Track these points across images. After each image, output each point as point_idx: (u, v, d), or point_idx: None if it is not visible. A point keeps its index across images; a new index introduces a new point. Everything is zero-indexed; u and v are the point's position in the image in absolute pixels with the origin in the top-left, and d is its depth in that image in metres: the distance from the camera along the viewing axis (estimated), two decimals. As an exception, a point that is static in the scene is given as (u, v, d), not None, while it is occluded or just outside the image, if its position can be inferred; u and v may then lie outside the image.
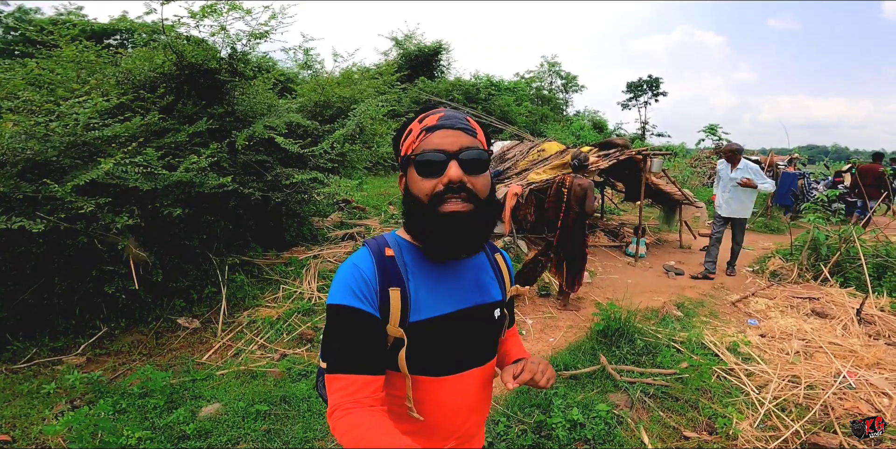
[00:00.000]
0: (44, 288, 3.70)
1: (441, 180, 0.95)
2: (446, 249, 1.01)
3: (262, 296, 4.61)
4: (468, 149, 0.97)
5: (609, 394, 3.16)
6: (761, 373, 3.50)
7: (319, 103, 5.73)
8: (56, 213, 3.26)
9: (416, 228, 1.02)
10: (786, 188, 10.83)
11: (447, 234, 0.97)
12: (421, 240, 1.03)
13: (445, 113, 1.01)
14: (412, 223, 1.03)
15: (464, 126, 0.99)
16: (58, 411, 2.91)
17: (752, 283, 6.01)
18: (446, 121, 0.98)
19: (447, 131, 0.97)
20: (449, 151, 0.95)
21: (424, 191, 0.97)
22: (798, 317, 4.65)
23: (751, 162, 6.10)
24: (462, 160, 0.96)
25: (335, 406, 0.90)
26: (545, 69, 29.14)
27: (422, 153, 0.96)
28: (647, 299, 5.19)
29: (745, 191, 6.02)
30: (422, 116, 1.03)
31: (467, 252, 1.03)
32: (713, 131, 22.59)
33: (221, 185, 3.96)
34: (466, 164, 0.96)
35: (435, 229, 0.97)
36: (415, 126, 1.02)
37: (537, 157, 7.18)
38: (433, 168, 0.96)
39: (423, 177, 0.97)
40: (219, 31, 4.41)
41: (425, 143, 0.97)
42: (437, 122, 0.98)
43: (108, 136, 3.54)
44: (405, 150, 1.02)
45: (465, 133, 0.98)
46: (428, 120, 1.00)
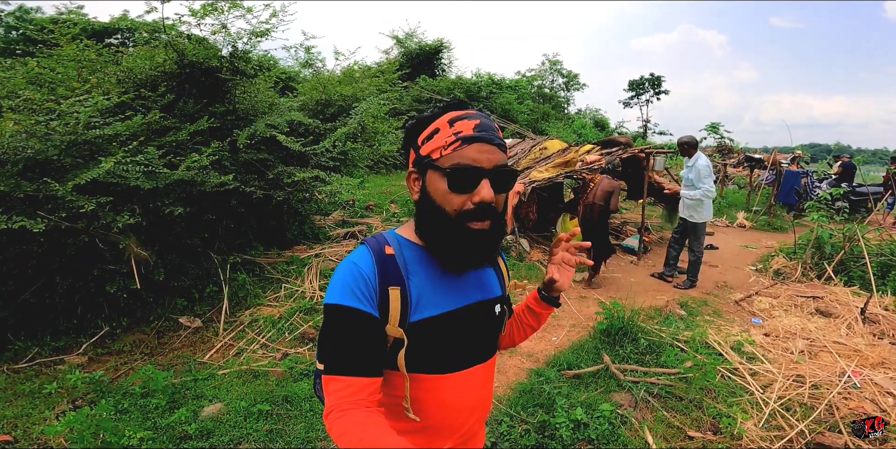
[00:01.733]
0: (45, 287, 3.69)
1: (471, 198, 0.92)
2: (466, 264, 1.00)
3: (263, 295, 4.60)
4: (501, 167, 0.94)
5: (613, 393, 3.15)
6: (766, 372, 3.48)
7: (321, 101, 5.72)
8: (57, 213, 3.25)
9: (435, 239, 0.99)
10: (789, 186, 10.80)
11: (470, 250, 0.96)
12: (439, 251, 1.00)
13: (481, 121, 0.95)
14: (431, 233, 1.00)
15: (499, 142, 0.95)
16: (59, 411, 2.91)
17: (755, 281, 5.98)
18: (484, 133, 0.93)
19: (484, 146, 0.92)
20: (484, 169, 0.92)
21: (452, 206, 0.93)
22: (802, 316, 4.63)
23: (702, 159, 5.51)
24: (494, 179, 0.93)
25: (332, 407, 0.89)
26: (547, 67, 29.05)
27: (457, 167, 0.91)
28: (651, 298, 5.17)
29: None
30: (452, 117, 0.96)
31: (482, 265, 1.04)
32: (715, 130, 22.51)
33: (223, 183, 3.95)
34: (497, 183, 0.93)
35: (458, 245, 0.95)
36: (443, 126, 0.95)
37: (539, 155, 7.15)
38: (466, 184, 0.92)
39: (454, 191, 0.92)
40: (220, 29, 4.40)
41: (460, 155, 0.92)
42: (473, 133, 0.92)
43: (108, 134, 3.53)
44: (430, 152, 0.96)
45: (500, 149, 0.95)
46: (462, 125, 0.93)
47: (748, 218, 10.25)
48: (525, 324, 1.26)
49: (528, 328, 1.27)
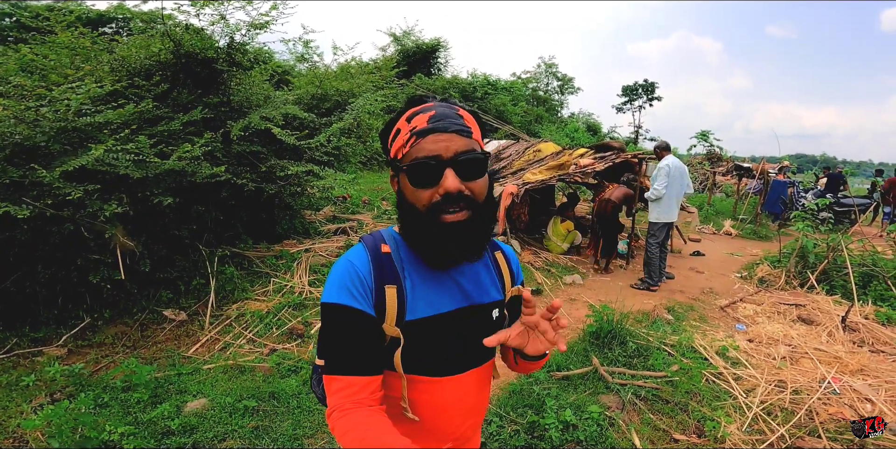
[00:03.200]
0: (26, 276, 3.60)
1: (437, 190, 0.89)
2: (447, 259, 0.97)
3: (251, 289, 4.55)
4: (464, 153, 0.89)
5: (601, 395, 3.17)
6: (749, 377, 3.53)
7: (317, 96, 5.68)
8: (43, 200, 3.17)
9: (413, 237, 0.98)
10: (775, 196, 10.99)
11: (447, 243, 0.92)
12: (419, 249, 0.98)
13: (436, 111, 0.91)
14: (409, 232, 0.98)
15: (458, 127, 0.90)
16: (37, 405, 2.83)
17: (740, 288, 6.07)
18: (438, 122, 0.89)
19: (439, 135, 0.88)
20: (443, 158, 0.88)
21: (421, 201, 0.91)
22: (785, 323, 4.71)
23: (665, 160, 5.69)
24: (458, 167, 0.88)
25: (334, 407, 0.88)
26: (542, 70, 29.20)
27: (413, 161, 0.89)
28: (639, 302, 5.21)
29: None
30: (409, 113, 0.93)
31: (467, 260, 1.00)
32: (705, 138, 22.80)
33: (214, 175, 3.90)
34: (463, 171, 0.89)
35: (434, 239, 0.93)
36: (402, 125, 0.93)
37: (533, 157, 7.18)
38: (427, 177, 0.89)
39: (417, 187, 0.90)
40: (218, 20, 4.34)
41: (416, 149, 0.89)
42: (427, 125, 0.89)
43: (99, 122, 3.47)
44: (394, 153, 0.95)
45: (460, 135, 0.90)
46: (416, 120, 0.91)
47: (734, 226, 10.40)
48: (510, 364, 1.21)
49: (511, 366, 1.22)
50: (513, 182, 6.39)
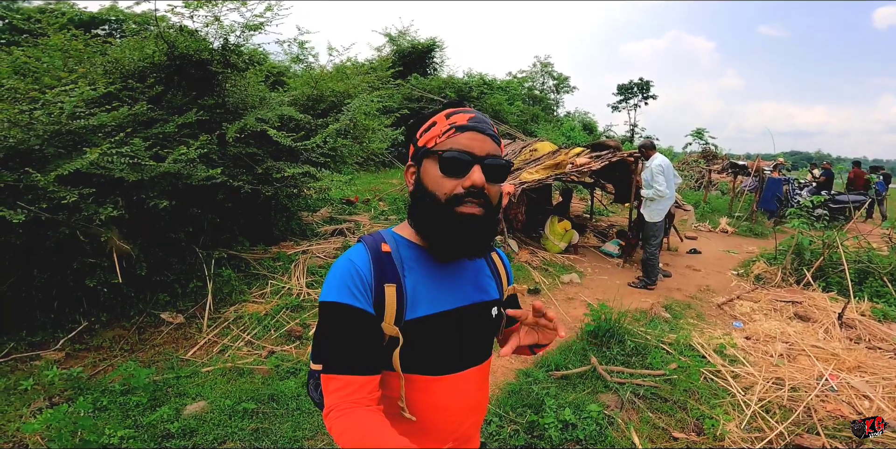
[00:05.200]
0: (22, 281, 3.58)
1: (462, 183, 0.94)
2: (456, 250, 0.99)
3: (249, 291, 4.53)
4: (493, 156, 0.96)
5: (600, 394, 3.18)
6: (747, 375, 3.55)
7: (312, 97, 5.67)
8: (38, 203, 3.15)
9: (426, 224, 1.00)
10: (770, 193, 11.04)
11: (459, 235, 0.95)
12: (430, 238, 1.00)
13: (476, 115, 0.99)
14: (423, 219, 1.00)
15: (492, 133, 0.99)
16: (35, 408, 2.82)
17: (736, 286, 6.09)
18: (477, 123, 0.97)
19: (477, 134, 0.96)
20: (476, 155, 0.94)
21: (443, 189, 0.95)
22: (781, 320, 4.73)
23: (657, 159, 5.70)
24: (486, 167, 0.95)
25: (332, 407, 0.89)
26: (538, 69, 29.26)
27: (449, 151, 0.94)
28: (636, 301, 5.23)
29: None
30: (449, 111, 1.00)
31: (474, 254, 1.03)
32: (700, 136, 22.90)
33: (210, 177, 3.88)
34: (489, 172, 0.95)
35: (448, 229, 0.95)
36: (440, 119, 1.00)
37: (529, 156, 7.19)
38: (457, 168, 0.94)
39: (445, 175, 0.95)
40: (213, 21, 4.31)
41: (453, 141, 0.95)
42: (467, 123, 0.97)
43: (94, 125, 3.45)
44: (426, 142, 0.99)
45: (493, 140, 0.98)
46: (457, 117, 0.98)
47: (730, 223, 10.44)
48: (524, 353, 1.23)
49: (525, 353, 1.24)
50: (510, 181, 6.39)
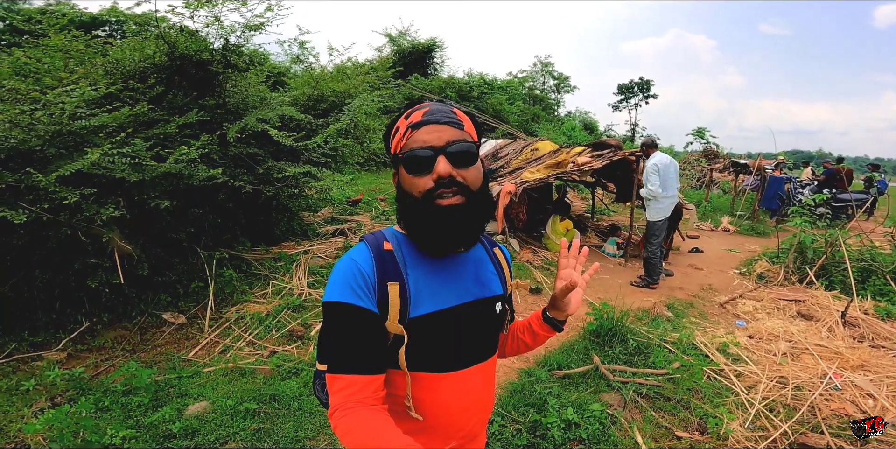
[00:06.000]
0: (23, 281, 3.58)
1: (431, 177, 0.95)
2: (442, 243, 1.00)
3: (250, 291, 4.53)
4: (455, 142, 0.96)
5: (602, 394, 3.16)
6: (750, 373, 3.53)
7: (313, 97, 5.67)
8: (39, 204, 3.15)
9: (411, 223, 1.01)
10: (772, 192, 11.02)
11: (442, 228, 0.96)
12: (416, 235, 1.02)
13: (430, 108, 1.00)
14: (407, 219, 1.02)
15: (449, 119, 0.98)
16: (37, 409, 2.82)
17: (739, 285, 6.08)
18: (431, 116, 0.97)
19: (432, 127, 0.96)
20: (436, 147, 0.95)
21: (417, 188, 0.96)
22: (784, 319, 4.71)
23: (654, 158, 5.65)
24: (449, 154, 0.95)
25: (336, 406, 0.89)
26: (538, 69, 29.19)
27: (409, 151, 0.96)
28: (638, 300, 5.21)
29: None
30: (407, 113, 1.02)
31: (464, 245, 1.04)
32: (701, 135, 22.88)
33: (211, 177, 3.88)
34: (454, 158, 0.95)
35: (429, 224, 0.96)
36: (401, 123, 1.01)
37: (531, 156, 7.18)
38: (421, 165, 0.95)
39: (413, 174, 0.96)
40: (213, 21, 4.31)
41: (412, 140, 0.96)
42: (421, 118, 0.97)
43: (95, 125, 3.45)
44: (394, 148, 1.01)
45: (452, 126, 0.97)
46: (413, 116, 0.99)
47: (732, 222, 10.42)
48: (520, 340, 1.26)
49: (522, 345, 1.27)
50: (511, 181, 6.39)
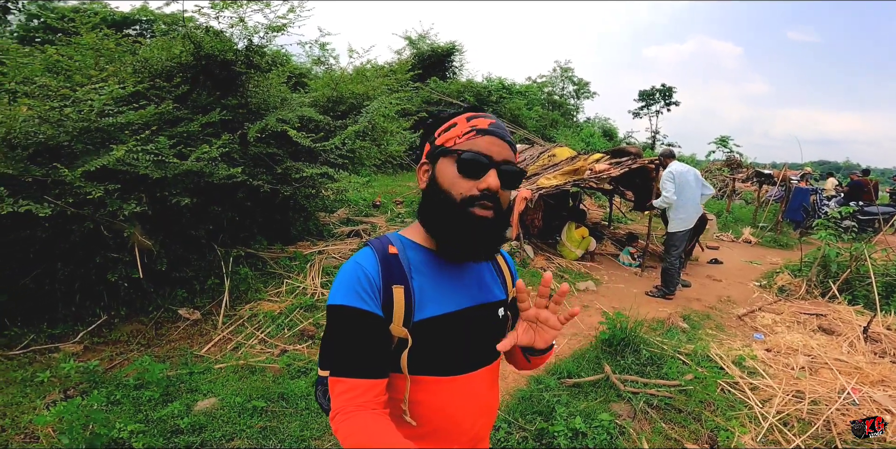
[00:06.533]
0: (46, 273, 3.68)
1: (478, 185, 0.95)
2: (467, 251, 1.00)
3: (264, 289, 4.59)
4: (510, 163, 0.99)
5: (612, 403, 3.12)
6: (766, 387, 3.45)
7: (332, 98, 5.73)
8: (64, 198, 3.25)
9: (438, 224, 1.00)
10: (797, 203, 10.76)
11: (472, 236, 0.96)
12: (441, 237, 1.00)
13: (496, 121, 1.02)
14: (434, 218, 1.01)
15: (510, 140, 1.01)
16: (50, 401, 2.86)
17: (759, 297, 5.94)
18: (497, 129, 1.00)
19: (496, 140, 0.98)
20: (494, 159, 0.96)
21: (459, 190, 0.96)
22: (804, 333, 4.59)
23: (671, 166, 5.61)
24: (502, 172, 0.96)
25: (337, 410, 0.89)
26: (558, 74, 29.02)
27: (468, 152, 0.96)
28: (653, 310, 5.13)
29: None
30: (470, 115, 1.02)
31: (484, 256, 1.03)
32: (724, 143, 22.46)
33: (231, 175, 3.95)
34: (504, 177, 0.97)
35: (461, 230, 0.96)
36: (461, 121, 1.01)
37: (548, 162, 7.14)
38: (475, 170, 0.96)
39: (463, 176, 0.96)
40: (237, 22, 4.41)
41: (472, 143, 0.97)
42: (488, 127, 0.99)
43: (121, 123, 3.54)
44: (445, 141, 1.00)
45: (510, 147, 1.01)
46: (478, 121, 1.00)
47: (754, 234, 10.19)
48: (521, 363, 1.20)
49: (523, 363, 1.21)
50: (527, 187, 6.36)
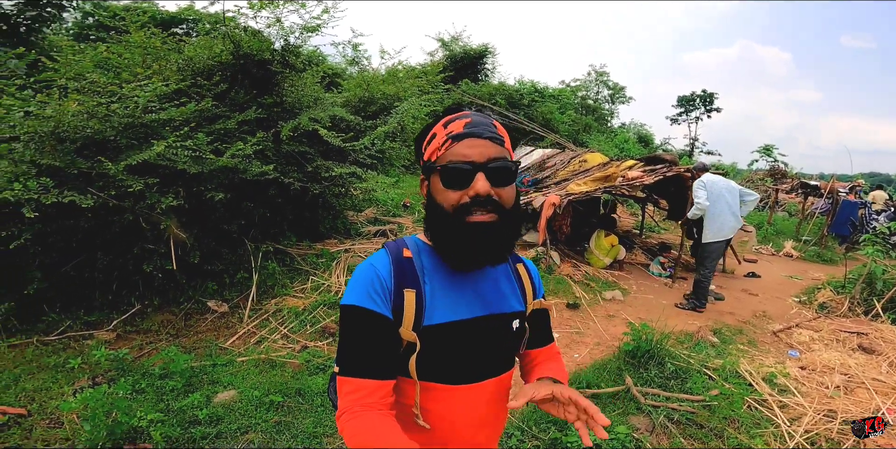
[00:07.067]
0: (86, 262, 3.84)
1: (467, 192, 0.92)
2: (469, 259, 0.98)
3: (290, 285, 4.68)
4: (495, 160, 0.93)
5: (631, 416, 3.03)
6: (796, 405, 3.30)
7: (364, 99, 5.80)
8: (107, 190, 3.41)
9: (439, 237, 0.99)
10: (844, 217, 10.22)
11: (471, 244, 0.94)
12: (443, 249, 1.00)
13: (472, 119, 0.96)
14: (435, 232, 1.00)
15: (491, 135, 0.95)
16: (77, 387, 2.95)
17: (797, 314, 5.67)
18: (473, 128, 0.94)
19: (474, 140, 0.93)
20: (476, 162, 0.92)
21: (449, 202, 0.94)
22: (843, 351, 4.37)
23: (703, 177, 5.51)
24: (490, 171, 0.92)
25: (344, 409, 0.90)
26: (592, 78, 28.45)
27: (447, 163, 0.93)
28: (682, 322, 4.97)
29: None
30: (446, 120, 0.98)
31: (491, 262, 1.00)
32: (769, 152, 21.55)
33: (264, 173, 4.06)
34: (494, 176, 0.92)
35: (459, 239, 0.94)
36: (439, 130, 0.98)
37: (578, 167, 7.03)
38: (459, 179, 0.92)
39: (449, 188, 0.93)
40: (274, 22, 4.53)
41: (451, 152, 0.93)
42: (463, 130, 0.94)
43: (163, 119, 3.69)
44: (428, 156, 0.99)
45: (493, 142, 0.94)
46: (453, 126, 0.95)
47: (796, 247, 9.73)
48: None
49: None
50: (556, 192, 6.27)
